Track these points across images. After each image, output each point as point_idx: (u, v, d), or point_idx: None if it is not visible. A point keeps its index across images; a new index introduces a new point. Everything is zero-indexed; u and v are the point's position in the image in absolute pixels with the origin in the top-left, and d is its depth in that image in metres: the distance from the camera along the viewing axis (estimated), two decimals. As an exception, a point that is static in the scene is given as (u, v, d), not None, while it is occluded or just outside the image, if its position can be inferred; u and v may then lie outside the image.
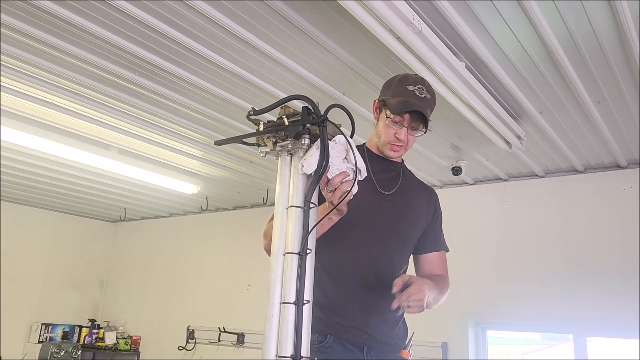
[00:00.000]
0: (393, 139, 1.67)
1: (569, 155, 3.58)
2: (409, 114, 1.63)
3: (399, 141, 1.67)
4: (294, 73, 2.70)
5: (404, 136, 1.65)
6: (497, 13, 2.10)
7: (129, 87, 2.94)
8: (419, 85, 1.66)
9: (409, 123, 1.64)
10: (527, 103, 2.87)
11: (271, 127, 1.35)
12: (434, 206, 1.83)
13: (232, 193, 5.21)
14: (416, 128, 1.66)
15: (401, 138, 1.65)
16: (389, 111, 1.66)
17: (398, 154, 1.72)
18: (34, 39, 2.48)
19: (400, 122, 1.65)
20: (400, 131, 1.65)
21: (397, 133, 1.65)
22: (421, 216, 1.77)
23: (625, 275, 3.52)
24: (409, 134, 1.67)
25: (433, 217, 1.81)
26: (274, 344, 1.19)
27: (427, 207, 1.81)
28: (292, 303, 1.20)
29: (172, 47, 2.50)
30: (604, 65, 2.46)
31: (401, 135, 1.65)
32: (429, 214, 1.80)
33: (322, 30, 2.34)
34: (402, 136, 1.65)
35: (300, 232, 1.26)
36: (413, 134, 1.68)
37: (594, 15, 2.10)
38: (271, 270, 1.25)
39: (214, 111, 3.23)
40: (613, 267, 3.58)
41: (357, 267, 1.66)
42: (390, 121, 1.66)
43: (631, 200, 3.65)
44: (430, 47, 2.11)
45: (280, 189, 1.33)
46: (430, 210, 1.81)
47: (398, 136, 1.66)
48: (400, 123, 1.65)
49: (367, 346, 1.61)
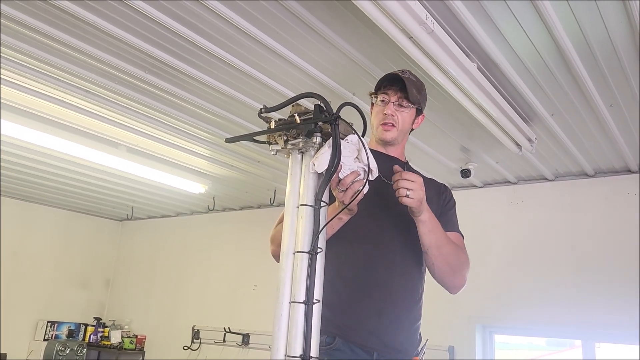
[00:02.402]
0: (382, 117, 1.74)
1: (579, 158, 3.55)
2: (392, 89, 1.72)
3: (387, 117, 1.72)
4: (304, 72, 2.68)
5: (391, 110, 1.72)
6: (511, 14, 2.08)
7: (138, 85, 2.94)
8: (402, 70, 1.78)
9: (395, 97, 1.72)
10: (538, 105, 2.85)
11: (283, 125, 1.34)
12: (443, 195, 1.82)
13: (240, 193, 5.20)
14: (402, 104, 1.72)
15: (388, 112, 1.71)
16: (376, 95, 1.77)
17: (391, 133, 1.74)
18: (44, 35, 2.47)
19: (386, 99, 1.73)
20: (387, 107, 1.72)
21: (385, 110, 1.73)
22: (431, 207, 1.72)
23: (635, 280, 3.47)
24: (397, 110, 1.73)
25: (442, 203, 1.80)
26: (283, 343, 1.18)
27: (437, 198, 1.79)
28: (301, 302, 1.19)
29: (182, 44, 2.50)
30: (617, 67, 2.43)
31: (388, 110, 1.72)
32: (437, 203, 1.78)
33: (333, 29, 2.33)
34: (389, 110, 1.72)
35: (311, 231, 1.25)
36: (400, 110, 1.73)
37: (609, 16, 2.07)
38: (281, 269, 1.24)
39: (222, 110, 3.22)
40: (623, 272, 3.54)
41: (369, 266, 1.63)
42: (378, 101, 1.76)
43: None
44: (442, 47, 2.09)
45: (291, 188, 1.32)
46: (439, 200, 1.80)
47: (386, 112, 1.72)
48: (386, 100, 1.73)
49: (377, 351, 1.56)
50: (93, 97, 3.12)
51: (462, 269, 1.68)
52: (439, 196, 1.81)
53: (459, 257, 1.66)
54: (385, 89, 1.74)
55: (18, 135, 3.55)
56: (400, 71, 1.75)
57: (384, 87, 1.74)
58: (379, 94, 1.76)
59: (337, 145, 1.28)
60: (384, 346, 1.57)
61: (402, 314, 1.62)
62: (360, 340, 1.56)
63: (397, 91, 1.72)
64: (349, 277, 1.62)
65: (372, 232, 1.65)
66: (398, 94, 1.71)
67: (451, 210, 1.80)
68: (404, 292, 1.64)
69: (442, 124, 3.20)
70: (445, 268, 1.62)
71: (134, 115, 3.36)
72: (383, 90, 1.74)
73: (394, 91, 1.72)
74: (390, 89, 1.73)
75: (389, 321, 1.59)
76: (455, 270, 1.65)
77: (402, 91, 1.70)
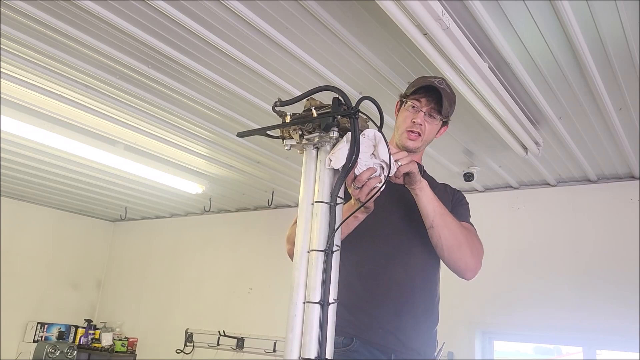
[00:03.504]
0: (410, 124, 1.68)
1: (583, 164, 3.52)
2: (426, 98, 1.65)
3: (415, 126, 1.66)
4: (313, 71, 2.63)
5: (420, 120, 1.66)
6: (527, 12, 2.05)
7: (140, 80, 2.86)
8: (438, 79, 1.70)
9: (427, 107, 1.66)
10: (547, 108, 2.81)
11: (299, 119, 1.30)
12: (451, 192, 1.80)
13: (237, 194, 5.13)
14: (434, 115, 1.66)
15: (417, 122, 1.66)
16: (407, 99, 1.70)
17: (415, 143, 1.68)
18: (40, 23, 2.37)
19: (418, 106, 1.67)
20: (417, 115, 1.66)
21: (414, 117, 1.66)
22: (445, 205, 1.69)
23: (637, 287, 3.45)
24: (426, 120, 1.67)
25: (455, 201, 1.76)
26: (297, 345, 1.14)
27: (445, 195, 1.76)
28: (317, 303, 1.14)
29: (187, 38, 2.44)
30: (630, 69, 2.40)
31: (418, 119, 1.66)
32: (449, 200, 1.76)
33: (345, 26, 2.27)
34: (418, 120, 1.66)
35: (326, 229, 1.21)
36: (430, 120, 1.67)
37: (626, 17, 2.04)
38: (295, 269, 1.20)
39: (225, 107, 3.16)
40: (624, 279, 3.52)
41: (387, 266, 1.59)
42: (409, 106, 1.69)
43: (645, 212, 3.59)
44: (456, 45, 2.05)
45: (305, 184, 1.28)
46: (448, 197, 1.77)
47: (415, 120, 1.66)
48: (418, 107, 1.67)
49: (395, 352, 1.52)
50: (92, 92, 3.04)
51: (472, 248, 1.57)
52: (452, 194, 1.80)
53: (468, 235, 1.57)
54: (418, 95, 1.67)
55: (8, 129, 3.38)
56: (436, 80, 1.68)
57: (418, 93, 1.68)
58: (409, 99, 1.69)
59: (357, 140, 1.24)
60: (402, 347, 1.54)
61: (420, 315, 1.58)
62: (378, 341, 1.53)
63: (430, 101, 1.66)
64: (367, 277, 1.58)
65: (391, 232, 1.62)
66: (431, 104, 1.66)
67: (463, 206, 1.78)
68: (422, 293, 1.60)
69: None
70: (453, 242, 1.52)
71: (134, 112, 3.28)
72: (416, 96, 1.68)
73: (427, 101, 1.66)
74: (424, 98, 1.67)
75: (407, 322, 1.55)
76: (464, 246, 1.54)
77: (437, 103, 1.65)
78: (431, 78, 1.70)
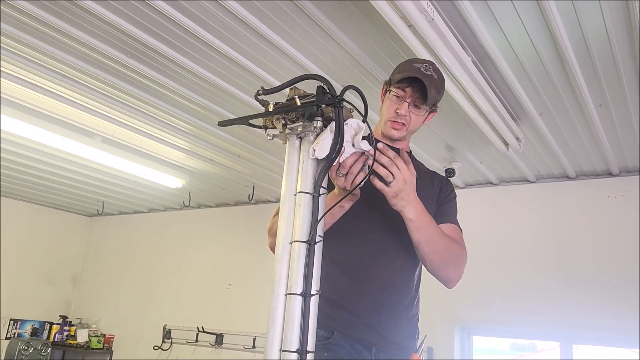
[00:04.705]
0: (394, 114, 1.61)
1: (563, 160, 3.56)
2: (411, 88, 1.57)
3: (399, 117, 1.60)
4: (296, 63, 2.60)
5: (404, 111, 1.59)
6: (512, 7, 2.05)
7: (119, 69, 2.80)
8: (425, 64, 1.61)
9: (411, 97, 1.58)
10: (528, 104, 2.83)
11: (282, 108, 1.27)
12: (438, 186, 1.74)
13: (217, 189, 5.07)
14: (419, 105, 1.59)
15: (401, 113, 1.59)
16: (391, 86, 1.61)
17: (399, 133, 1.63)
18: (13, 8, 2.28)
19: (403, 96, 1.59)
20: (401, 106, 1.59)
21: (398, 108, 1.60)
22: (430, 202, 1.64)
23: (614, 282, 3.51)
24: (411, 111, 1.60)
25: (443, 195, 1.72)
26: (278, 337, 1.12)
27: (431, 189, 1.71)
28: (299, 294, 1.12)
29: (167, 27, 2.38)
30: (612, 67, 2.43)
31: (402, 110, 1.59)
32: (435, 194, 1.70)
33: (330, 17, 2.25)
34: (402, 111, 1.59)
35: (309, 220, 1.19)
36: (415, 111, 1.60)
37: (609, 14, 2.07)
38: (276, 260, 1.18)
39: (206, 99, 3.11)
40: (601, 275, 3.57)
41: (369, 258, 1.56)
42: (393, 95, 1.61)
43: (621, 208, 3.64)
44: (440, 38, 2.05)
45: (288, 175, 1.25)
46: (435, 190, 1.71)
47: (399, 111, 1.59)
48: (402, 98, 1.59)
49: (376, 347, 1.50)
50: (68, 81, 2.96)
51: (456, 263, 1.58)
52: (432, 187, 1.73)
53: (452, 252, 1.57)
54: (403, 85, 1.57)
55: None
56: (422, 65, 1.57)
57: (403, 82, 1.57)
58: (394, 87, 1.60)
59: (341, 129, 1.22)
60: (383, 341, 1.52)
61: (401, 310, 1.56)
62: (360, 335, 1.50)
63: (415, 92, 1.56)
64: (348, 272, 1.55)
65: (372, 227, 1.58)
66: (416, 94, 1.56)
67: (450, 202, 1.73)
68: (403, 288, 1.58)
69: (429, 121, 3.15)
70: (437, 263, 1.53)
71: (112, 103, 3.21)
72: (401, 85, 1.58)
73: (412, 91, 1.57)
74: (409, 88, 1.57)
75: (388, 316, 1.53)
76: (449, 264, 1.55)
77: (421, 93, 1.55)
78: (417, 64, 1.59)
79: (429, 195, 1.66)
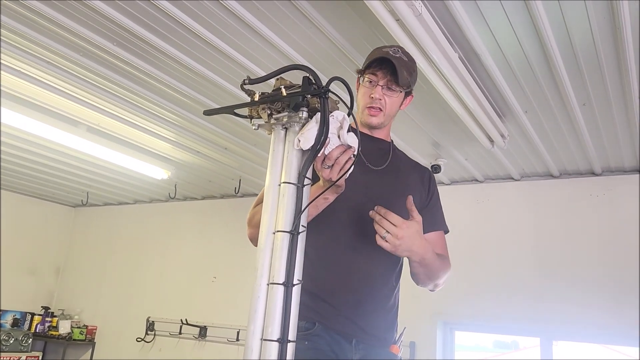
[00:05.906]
0: (368, 100, 1.63)
1: (546, 158, 3.60)
2: (382, 71, 1.60)
3: (374, 101, 1.62)
4: (282, 53, 2.59)
5: (379, 94, 1.61)
6: (500, 6, 2.07)
7: (105, 58, 2.77)
8: (394, 47, 1.65)
9: (383, 80, 1.61)
10: (513, 101, 2.85)
11: (268, 98, 1.27)
12: (427, 184, 1.75)
13: (203, 181, 5.05)
14: (392, 87, 1.62)
15: (375, 97, 1.61)
16: (363, 74, 1.65)
17: (377, 119, 1.65)
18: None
19: (374, 81, 1.62)
20: (375, 90, 1.62)
21: (372, 93, 1.62)
22: (414, 194, 1.62)
23: (594, 279, 3.56)
24: (385, 94, 1.62)
25: (427, 196, 1.73)
26: (259, 326, 1.12)
27: (421, 186, 1.73)
28: (281, 284, 1.12)
29: (154, 14, 2.36)
30: (595, 66, 2.46)
31: (376, 94, 1.61)
32: (423, 192, 1.72)
33: (317, 8, 2.25)
34: (376, 94, 1.61)
35: (293, 210, 1.19)
36: (389, 93, 1.63)
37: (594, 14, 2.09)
38: (259, 250, 1.18)
39: (192, 90, 3.09)
40: (582, 272, 3.62)
41: (349, 250, 1.57)
42: (366, 82, 1.64)
43: (603, 207, 3.70)
44: (428, 32, 2.05)
45: (272, 166, 1.25)
46: (423, 188, 1.73)
47: (373, 95, 1.62)
48: (375, 82, 1.62)
49: (357, 339, 1.52)
50: (53, 69, 2.93)
51: (444, 277, 1.66)
52: (422, 184, 1.75)
53: (444, 271, 1.64)
54: (374, 69, 1.61)
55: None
56: (391, 49, 1.62)
57: (373, 67, 1.61)
58: (366, 74, 1.63)
59: (326, 120, 1.22)
60: (363, 333, 1.53)
61: (380, 303, 1.58)
62: (340, 328, 1.51)
63: (386, 74, 1.59)
64: (329, 264, 1.56)
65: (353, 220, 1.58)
66: (387, 76, 1.59)
67: (436, 205, 1.75)
68: (382, 277, 1.59)
69: (416, 116, 3.17)
70: (428, 282, 1.62)
71: (97, 92, 3.18)
72: (372, 69, 1.61)
73: (383, 73, 1.59)
74: (380, 71, 1.60)
75: (367, 309, 1.55)
76: (438, 281, 1.64)
77: (392, 74, 1.58)
78: (386, 48, 1.62)
79: (417, 192, 1.69)
